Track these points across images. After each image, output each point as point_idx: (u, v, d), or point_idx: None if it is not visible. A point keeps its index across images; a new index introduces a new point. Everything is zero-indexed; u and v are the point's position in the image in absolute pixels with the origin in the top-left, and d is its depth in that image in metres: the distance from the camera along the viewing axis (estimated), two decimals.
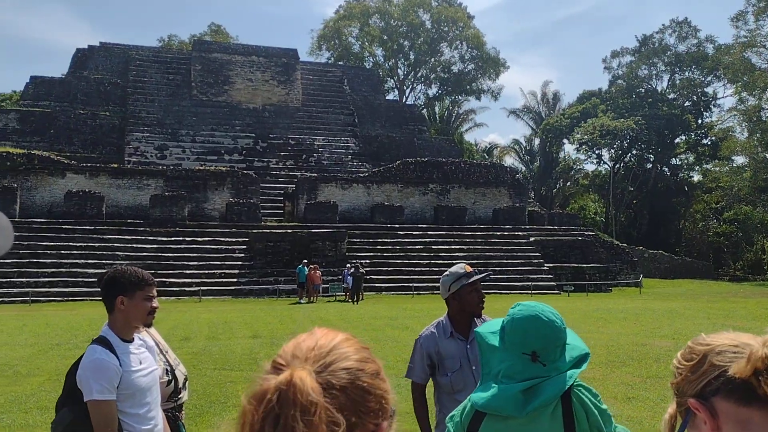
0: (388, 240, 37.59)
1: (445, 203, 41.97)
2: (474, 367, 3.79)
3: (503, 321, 2.36)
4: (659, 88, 70.32)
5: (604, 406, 2.33)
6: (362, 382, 1.05)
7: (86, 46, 53.67)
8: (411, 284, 33.60)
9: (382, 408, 1.06)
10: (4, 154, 36.26)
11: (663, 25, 70.16)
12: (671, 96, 68.63)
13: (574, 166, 74.94)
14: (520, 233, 40.30)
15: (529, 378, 2.20)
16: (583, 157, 69.61)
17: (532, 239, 39.71)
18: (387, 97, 65.70)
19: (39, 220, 34.01)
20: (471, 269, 3.96)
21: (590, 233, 44.37)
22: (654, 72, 70.33)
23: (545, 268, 37.08)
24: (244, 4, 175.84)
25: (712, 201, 61.04)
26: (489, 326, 2.48)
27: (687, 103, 67.55)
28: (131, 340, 3.31)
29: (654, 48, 68.15)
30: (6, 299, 28.36)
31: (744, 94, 54.52)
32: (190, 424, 7.04)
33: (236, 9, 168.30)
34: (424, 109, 74.59)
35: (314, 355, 1.07)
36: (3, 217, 0.77)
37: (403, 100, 71.70)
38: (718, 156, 60.64)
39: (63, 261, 31.37)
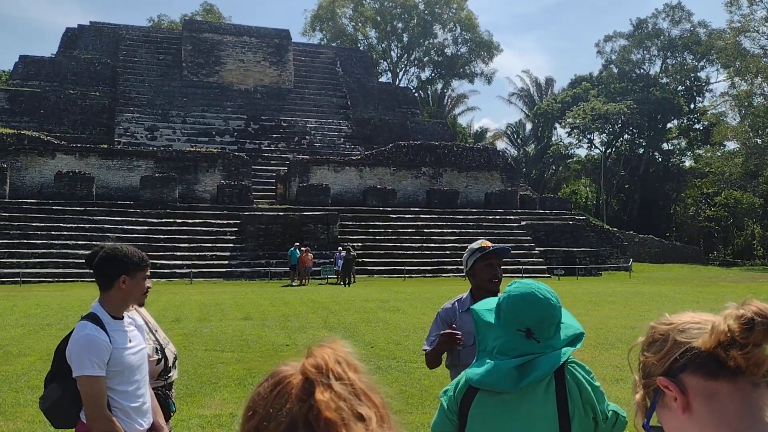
0: (380, 223, 37.58)
1: (437, 187, 41.94)
2: None
3: (499, 298, 2.36)
4: (652, 73, 70.25)
5: (597, 383, 2.33)
6: (365, 381, 1.07)
7: (76, 26, 53.10)
8: (403, 267, 33.68)
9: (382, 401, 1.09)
10: None
11: (657, 9, 70.20)
12: (664, 80, 68.57)
13: (566, 151, 74.96)
14: (511, 217, 40.39)
15: (524, 354, 2.20)
16: (574, 141, 69.69)
17: (523, 223, 39.82)
18: (380, 80, 65.34)
19: (29, 200, 33.77)
20: (489, 245, 3.79)
21: (581, 218, 44.53)
22: (647, 56, 70.32)
23: (536, 251, 37.23)
24: None
25: (704, 186, 61.15)
26: (485, 303, 2.47)
27: (679, 88, 67.57)
28: (121, 318, 3.29)
29: (647, 32, 67.93)
30: None
31: (736, 79, 54.70)
32: (181, 403, 7.04)
33: None
34: (417, 92, 74.29)
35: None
36: None
37: (396, 83, 71.38)
38: (710, 141, 60.81)
39: (53, 242, 31.20)
